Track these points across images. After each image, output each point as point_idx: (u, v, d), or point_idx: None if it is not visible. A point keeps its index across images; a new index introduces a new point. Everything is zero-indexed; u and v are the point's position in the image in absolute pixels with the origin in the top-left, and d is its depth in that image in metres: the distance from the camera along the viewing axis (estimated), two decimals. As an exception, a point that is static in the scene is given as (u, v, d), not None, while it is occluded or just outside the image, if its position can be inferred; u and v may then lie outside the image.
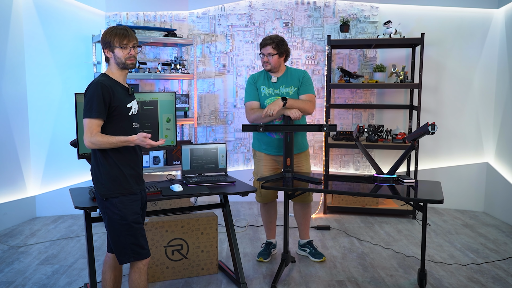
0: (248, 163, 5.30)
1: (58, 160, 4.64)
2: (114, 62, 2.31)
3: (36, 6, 4.47)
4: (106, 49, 2.30)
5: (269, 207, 3.58)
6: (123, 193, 2.27)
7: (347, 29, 4.95)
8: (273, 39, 3.25)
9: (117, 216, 2.25)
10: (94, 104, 2.19)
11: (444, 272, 3.33)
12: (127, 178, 2.29)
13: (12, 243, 3.91)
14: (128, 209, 2.28)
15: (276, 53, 3.25)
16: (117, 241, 2.28)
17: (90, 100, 2.20)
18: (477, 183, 4.99)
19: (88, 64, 4.67)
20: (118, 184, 2.26)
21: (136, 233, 2.29)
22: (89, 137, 2.18)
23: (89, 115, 2.19)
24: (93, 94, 2.20)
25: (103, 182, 2.26)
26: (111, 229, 2.28)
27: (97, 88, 2.20)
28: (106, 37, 2.29)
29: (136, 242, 2.29)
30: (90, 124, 2.19)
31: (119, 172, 2.27)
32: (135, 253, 2.29)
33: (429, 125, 2.89)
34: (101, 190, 2.27)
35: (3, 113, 4.23)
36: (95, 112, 2.19)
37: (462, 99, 4.98)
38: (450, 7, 4.89)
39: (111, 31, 2.29)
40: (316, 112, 5.17)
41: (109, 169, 2.26)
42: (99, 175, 2.28)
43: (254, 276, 3.24)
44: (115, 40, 2.28)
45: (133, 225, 2.27)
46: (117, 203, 2.26)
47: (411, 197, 2.88)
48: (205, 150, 3.23)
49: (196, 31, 5.16)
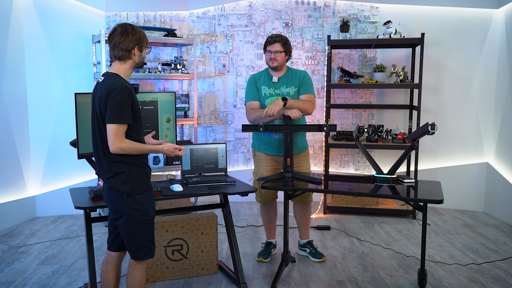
0: (248, 163, 5.30)
1: (58, 160, 4.64)
2: (134, 62, 2.31)
3: (36, 6, 4.47)
4: (136, 46, 2.29)
5: (269, 207, 3.58)
6: (146, 189, 2.32)
7: (347, 29, 4.95)
8: (281, 37, 3.30)
9: (139, 212, 2.28)
10: (123, 109, 2.18)
11: (444, 272, 3.33)
12: (147, 175, 2.35)
13: (12, 243, 3.91)
14: (150, 205, 2.33)
15: (283, 50, 3.29)
16: (135, 238, 2.30)
17: (119, 105, 2.17)
18: (477, 183, 4.99)
19: (88, 64, 4.67)
20: (141, 180, 2.30)
21: (152, 230, 2.36)
22: (118, 142, 2.18)
23: (118, 120, 2.17)
24: (121, 99, 2.17)
25: (125, 180, 2.26)
26: (130, 226, 2.29)
27: (124, 93, 2.18)
28: (141, 35, 2.31)
29: (152, 238, 2.35)
30: (119, 129, 2.18)
31: (141, 170, 2.31)
32: (149, 250, 2.35)
33: (429, 125, 2.89)
34: (124, 188, 2.25)
35: (3, 113, 4.23)
36: (125, 118, 2.18)
37: (462, 99, 4.98)
38: (450, 7, 4.89)
39: (141, 31, 2.33)
40: (316, 112, 5.17)
41: (132, 167, 2.27)
42: (121, 173, 2.26)
43: (254, 276, 3.24)
44: (145, 40, 2.33)
45: (152, 220, 2.34)
46: (140, 199, 2.28)
47: (411, 197, 2.88)
48: (205, 150, 3.23)
49: (196, 31, 5.16)
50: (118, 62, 2.32)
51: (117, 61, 2.32)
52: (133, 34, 2.28)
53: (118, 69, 2.32)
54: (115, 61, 2.33)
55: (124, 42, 2.27)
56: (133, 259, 2.34)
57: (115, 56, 2.31)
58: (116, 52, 2.30)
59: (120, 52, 2.28)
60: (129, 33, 2.28)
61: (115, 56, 2.31)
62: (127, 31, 2.29)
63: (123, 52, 2.28)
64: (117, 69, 2.31)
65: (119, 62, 2.32)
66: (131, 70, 2.35)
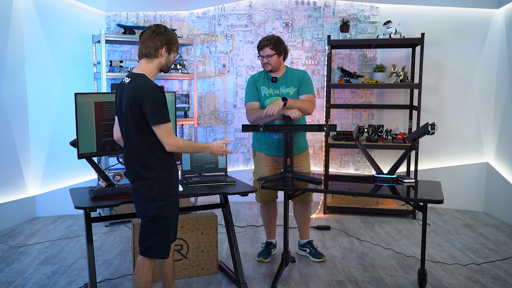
0: (248, 163, 5.30)
1: (58, 160, 4.64)
2: (160, 62, 2.30)
3: (36, 6, 4.47)
4: (165, 46, 2.28)
5: (269, 207, 3.58)
6: (170, 195, 2.31)
7: (347, 29, 4.95)
8: (270, 40, 3.24)
9: (160, 217, 2.31)
10: (163, 108, 2.19)
11: (444, 272, 3.33)
12: (173, 179, 2.33)
13: (12, 243, 3.91)
14: (172, 210, 2.33)
15: (274, 53, 3.24)
16: (150, 238, 2.32)
17: (158, 105, 2.18)
18: (477, 183, 4.99)
19: (88, 64, 4.67)
20: (167, 187, 2.29)
21: (169, 233, 2.36)
22: (173, 141, 2.22)
23: (162, 120, 2.19)
24: (158, 99, 2.18)
25: (151, 186, 2.26)
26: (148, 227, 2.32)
27: (158, 93, 2.19)
28: (173, 38, 2.30)
29: (166, 241, 2.36)
30: (168, 128, 2.21)
31: (167, 175, 2.29)
32: (162, 251, 2.36)
33: (429, 125, 2.89)
34: (149, 194, 2.27)
35: (3, 113, 4.23)
36: (166, 117, 2.20)
37: (462, 99, 4.98)
38: (450, 7, 4.89)
39: (173, 33, 2.33)
40: (316, 112, 5.17)
41: (159, 173, 2.27)
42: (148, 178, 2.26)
43: (254, 276, 3.24)
44: (176, 45, 2.33)
45: (171, 225, 2.35)
46: (163, 205, 2.29)
47: (411, 197, 2.88)
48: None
49: (196, 31, 5.16)
50: (144, 60, 2.30)
51: (144, 59, 2.30)
52: (164, 34, 2.28)
53: (144, 68, 2.29)
54: (142, 59, 2.31)
55: (154, 40, 2.26)
56: (141, 255, 2.36)
57: (142, 53, 2.29)
58: (143, 49, 2.28)
59: (147, 49, 2.27)
60: (161, 33, 2.28)
61: (142, 53, 2.29)
62: (160, 30, 2.28)
63: (150, 49, 2.26)
64: (143, 69, 2.29)
65: (146, 61, 2.29)
66: (156, 71, 2.32)
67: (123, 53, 4.92)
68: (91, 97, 2.78)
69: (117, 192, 2.69)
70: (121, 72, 4.38)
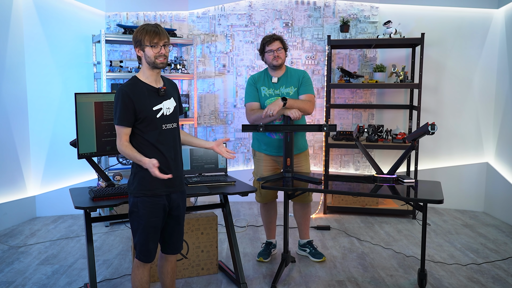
0: (248, 163, 5.30)
1: (58, 160, 4.64)
2: (145, 62, 2.28)
3: (36, 6, 4.47)
4: (137, 47, 2.27)
5: (269, 207, 3.58)
6: (146, 194, 2.29)
7: (347, 29, 4.95)
8: (278, 36, 3.35)
9: (135, 214, 2.31)
10: (117, 111, 2.22)
11: (444, 272, 3.33)
12: (154, 180, 2.26)
13: (12, 243, 3.91)
14: (146, 210, 2.29)
15: (283, 47, 3.33)
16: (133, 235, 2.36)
17: (115, 106, 2.25)
18: (477, 183, 4.99)
19: (88, 64, 4.67)
20: (143, 185, 2.29)
21: (147, 236, 2.32)
22: (118, 143, 2.26)
23: (115, 121, 2.25)
24: (117, 100, 2.23)
25: (131, 181, 2.32)
26: (130, 222, 2.36)
27: (119, 95, 2.22)
28: (137, 36, 2.25)
29: (144, 243, 2.32)
30: (118, 130, 2.25)
31: (145, 173, 2.26)
32: (141, 253, 2.35)
33: (429, 125, 2.89)
34: (129, 187, 2.33)
35: (3, 113, 4.23)
36: (117, 119, 2.22)
37: (462, 99, 4.98)
38: (450, 7, 4.89)
39: (142, 29, 2.25)
40: (316, 112, 5.17)
41: (137, 170, 2.30)
42: (131, 173, 2.33)
43: (254, 276, 3.24)
44: (146, 38, 2.22)
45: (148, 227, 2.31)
46: (137, 202, 2.29)
47: (411, 197, 2.88)
48: (205, 150, 3.22)
49: (196, 31, 5.16)
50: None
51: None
52: (134, 36, 2.28)
53: (140, 71, 2.34)
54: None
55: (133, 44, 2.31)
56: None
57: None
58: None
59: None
60: (133, 35, 2.29)
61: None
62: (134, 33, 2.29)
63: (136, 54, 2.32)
64: (140, 71, 2.34)
65: (140, 63, 2.34)
66: (149, 71, 2.30)
67: (123, 53, 4.92)
68: (91, 97, 2.78)
69: (117, 192, 2.69)
70: (121, 72, 4.38)
